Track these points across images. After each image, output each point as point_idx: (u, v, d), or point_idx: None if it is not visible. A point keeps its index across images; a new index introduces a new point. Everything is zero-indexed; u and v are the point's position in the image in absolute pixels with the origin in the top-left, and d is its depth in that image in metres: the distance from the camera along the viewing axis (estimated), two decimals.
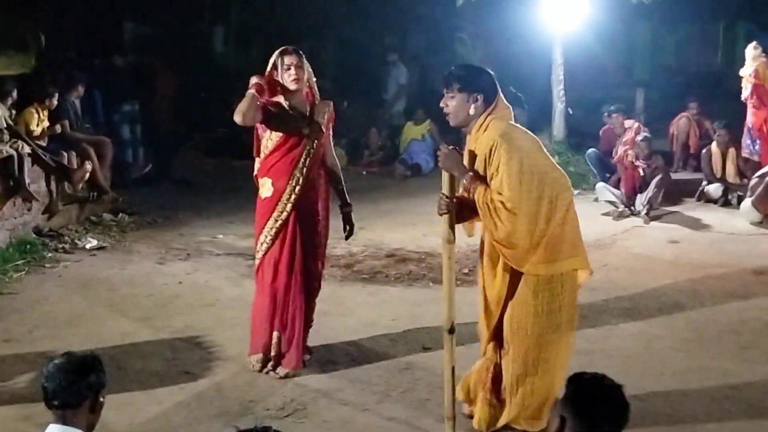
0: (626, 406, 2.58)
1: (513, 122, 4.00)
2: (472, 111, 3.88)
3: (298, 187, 4.74)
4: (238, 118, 4.59)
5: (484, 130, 3.87)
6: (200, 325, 5.71)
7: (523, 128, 4.03)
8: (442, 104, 3.99)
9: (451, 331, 3.98)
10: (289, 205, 4.74)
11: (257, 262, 4.87)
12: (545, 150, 4.00)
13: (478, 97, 3.86)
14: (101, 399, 2.78)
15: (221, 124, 13.02)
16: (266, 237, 4.80)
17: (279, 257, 4.78)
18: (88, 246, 7.67)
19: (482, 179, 3.83)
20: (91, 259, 7.36)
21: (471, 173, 3.86)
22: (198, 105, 13.31)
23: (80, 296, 6.37)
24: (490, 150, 3.80)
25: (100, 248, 7.66)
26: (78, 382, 2.70)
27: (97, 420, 2.87)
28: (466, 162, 3.91)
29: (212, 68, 14.38)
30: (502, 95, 3.96)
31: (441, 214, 3.89)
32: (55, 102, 8.41)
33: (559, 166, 4.01)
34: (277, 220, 4.76)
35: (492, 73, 4.01)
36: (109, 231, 8.27)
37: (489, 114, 3.88)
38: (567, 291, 3.90)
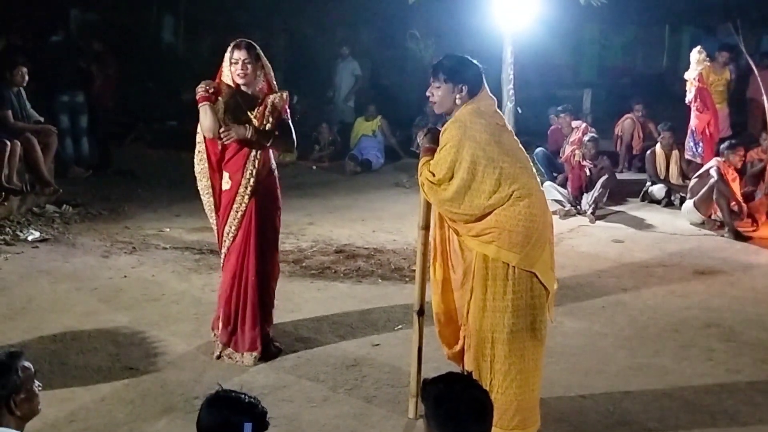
0: (486, 399, 2.50)
1: (492, 112, 3.99)
2: (458, 101, 3.97)
3: (252, 179, 4.82)
4: (209, 134, 4.74)
5: None
6: (145, 319, 5.63)
7: (496, 121, 3.98)
8: (428, 93, 4.07)
9: (421, 313, 4.21)
10: (247, 197, 4.83)
11: (225, 252, 4.95)
12: (514, 148, 3.96)
13: (463, 87, 3.95)
14: (17, 399, 2.75)
15: (169, 116, 12.89)
16: (230, 228, 4.89)
17: (240, 246, 4.88)
18: (30, 238, 7.49)
19: (431, 155, 4.00)
20: (33, 252, 7.20)
21: (427, 147, 4.04)
22: (145, 95, 13.13)
23: (21, 289, 6.21)
24: (443, 132, 3.96)
25: (42, 240, 7.49)
26: None
27: (28, 414, 2.83)
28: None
29: (161, 58, 14.20)
30: (486, 87, 4.02)
31: None
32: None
33: (527, 167, 3.96)
34: (237, 212, 4.85)
35: (479, 65, 4.04)
36: (52, 223, 8.09)
37: (468, 103, 3.94)
38: (523, 293, 3.86)
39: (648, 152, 10.12)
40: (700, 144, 9.72)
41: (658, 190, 9.82)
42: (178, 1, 14.98)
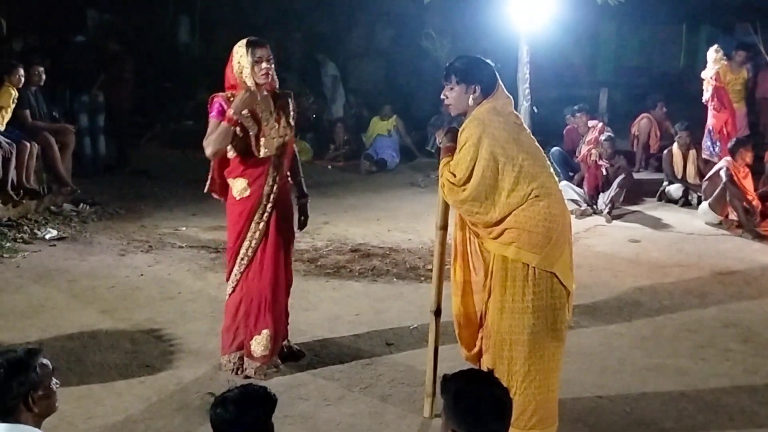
0: (506, 398, 2.48)
1: (509, 111, 3.97)
2: (471, 102, 3.94)
3: (276, 186, 4.65)
4: (209, 151, 4.47)
5: None
6: (161, 317, 5.65)
7: (513, 120, 3.96)
8: (442, 96, 4.05)
9: (437, 312, 4.19)
10: (269, 206, 4.63)
11: (243, 266, 4.68)
12: (533, 147, 3.93)
13: (477, 88, 3.92)
14: (35, 396, 2.77)
15: (185, 116, 12.96)
16: (251, 242, 4.66)
17: (263, 258, 4.67)
18: (47, 236, 7.55)
19: (451, 155, 3.96)
20: (50, 250, 7.25)
21: (447, 147, 4.01)
22: (161, 95, 13.20)
23: (38, 287, 6.26)
24: (461, 131, 3.92)
25: (60, 239, 7.55)
26: None
27: (46, 411, 2.84)
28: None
29: (177, 58, 14.26)
30: (502, 86, 3.99)
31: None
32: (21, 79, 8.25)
33: (545, 166, 3.93)
34: (259, 223, 4.64)
35: (492, 64, 4.03)
36: (69, 221, 8.16)
37: (484, 103, 3.91)
38: (543, 294, 3.83)
39: (665, 152, 10.07)
40: (718, 143, 9.66)
41: (675, 189, 9.77)
42: (194, 2, 15.03)
